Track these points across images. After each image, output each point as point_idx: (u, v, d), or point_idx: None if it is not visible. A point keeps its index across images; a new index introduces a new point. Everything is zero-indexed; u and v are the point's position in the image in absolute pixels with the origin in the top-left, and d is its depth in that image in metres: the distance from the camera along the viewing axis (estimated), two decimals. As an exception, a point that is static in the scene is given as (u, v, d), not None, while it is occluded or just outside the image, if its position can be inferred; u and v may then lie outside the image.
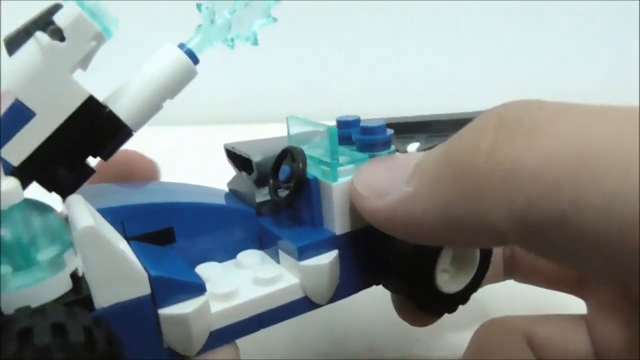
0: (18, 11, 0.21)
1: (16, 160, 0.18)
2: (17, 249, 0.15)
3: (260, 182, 0.23)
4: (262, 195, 0.23)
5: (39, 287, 0.16)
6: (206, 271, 0.21)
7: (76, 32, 0.17)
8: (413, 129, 0.23)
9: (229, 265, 0.22)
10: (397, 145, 0.21)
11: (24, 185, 0.18)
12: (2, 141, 0.17)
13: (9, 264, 0.15)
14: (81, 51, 0.17)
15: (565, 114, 0.13)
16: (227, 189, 0.25)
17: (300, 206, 0.22)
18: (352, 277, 0.21)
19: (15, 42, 0.17)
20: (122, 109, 0.19)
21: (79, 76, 0.18)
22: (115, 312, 0.16)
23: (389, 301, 0.24)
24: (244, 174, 0.23)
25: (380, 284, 0.22)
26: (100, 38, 0.18)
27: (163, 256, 0.20)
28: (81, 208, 0.17)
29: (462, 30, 0.67)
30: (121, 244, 0.18)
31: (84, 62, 0.18)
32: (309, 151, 0.21)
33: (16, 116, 0.17)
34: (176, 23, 0.34)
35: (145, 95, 0.20)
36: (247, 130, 0.32)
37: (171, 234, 0.21)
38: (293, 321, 0.20)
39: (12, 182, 0.16)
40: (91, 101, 0.18)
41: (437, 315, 0.22)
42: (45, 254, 0.16)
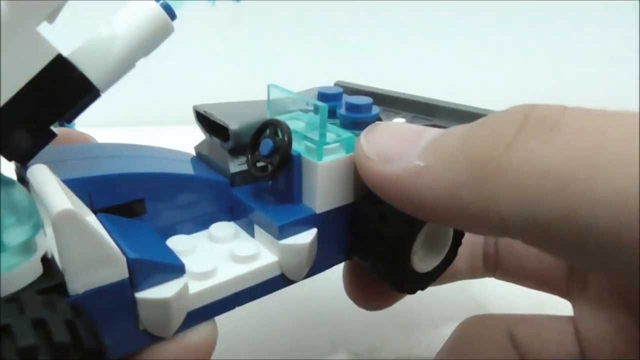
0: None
1: None
2: (-17, 233, 0.14)
3: (235, 152, 0.22)
4: (236, 165, 0.22)
5: (9, 274, 0.14)
6: (178, 244, 0.20)
7: None
8: (400, 105, 0.22)
9: (200, 237, 0.21)
10: (383, 118, 0.21)
11: (-18, 154, 0.16)
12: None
13: (-26, 250, 0.14)
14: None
15: (585, 118, 0.14)
16: (194, 152, 0.24)
17: (279, 180, 0.21)
18: (327, 254, 0.21)
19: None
20: (91, 69, 0.17)
21: (44, 30, 0.16)
22: (90, 297, 0.15)
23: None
24: (216, 140, 0.22)
25: (351, 260, 0.22)
26: None
27: (136, 231, 0.18)
28: (52, 184, 0.15)
29: (459, 29, 0.66)
30: (90, 218, 0.17)
31: (52, 13, 0.16)
32: (289, 123, 0.20)
33: None
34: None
35: (117, 54, 0.18)
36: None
37: (142, 205, 0.19)
38: (293, 321, 0.20)
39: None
40: (59, 60, 0.16)
41: (410, 292, 0.22)
42: (15, 236, 0.14)
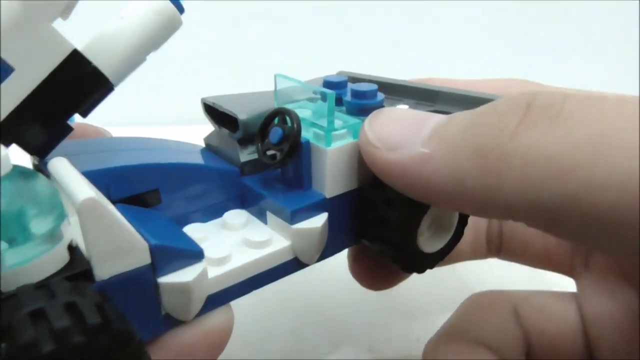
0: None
1: None
2: (11, 223, 0.14)
3: (244, 141, 0.22)
4: (245, 155, 0.22)
5: (37, 262, 0.15)
6: (193, 233, 0.20)
7: None
8: (402, 93, 0.23)
9: (214, 225, 0.22)
10: (386, 105, 0.21)
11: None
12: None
13: (4, 239, 0.14)
14: None
15: (587, 105, 0.14)
16: (204, 144, 0.24)
17: (288, 167, 0.21)
18: (338, 237, 0.22)
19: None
20: (104, 63, 0.18)
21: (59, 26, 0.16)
22: (115, 283, 0.16)
23: (389, 301, 0.25)
24: (225, 131, 0.23)
25: (360, 243, 0.23)
26: None
27: (154, 220, 0.19)
28: (73, 175, 0.16)
29: (459, 27, 0.65)
30: (112, 208, 0.17)
31: (66, 9, 0.16)
32: (297, 112, 0.21)
33: None
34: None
35: (129, 48, 0.18)
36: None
37: (157, 195, 0.20)
38: (293, 321, 0.20)
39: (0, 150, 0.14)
40: (75, 56, 0.17)
41: (419, 272, 0.23)
42: (41, 226, 0.15)
